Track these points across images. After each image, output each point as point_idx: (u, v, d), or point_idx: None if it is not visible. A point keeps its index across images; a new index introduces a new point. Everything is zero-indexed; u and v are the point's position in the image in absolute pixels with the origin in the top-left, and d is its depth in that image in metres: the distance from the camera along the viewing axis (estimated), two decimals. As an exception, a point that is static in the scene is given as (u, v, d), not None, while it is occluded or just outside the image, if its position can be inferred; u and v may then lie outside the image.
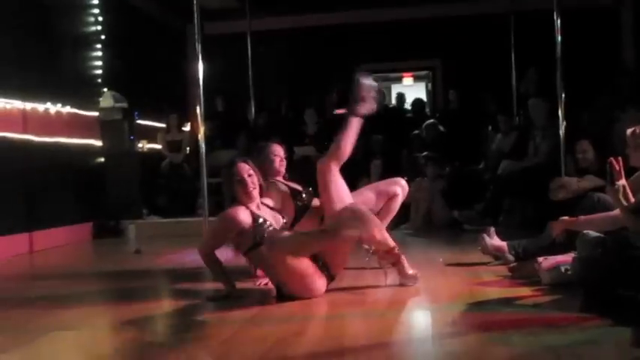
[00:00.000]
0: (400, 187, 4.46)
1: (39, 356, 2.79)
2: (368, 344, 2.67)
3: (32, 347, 2.89)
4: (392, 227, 7.05)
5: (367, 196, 4.37)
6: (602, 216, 3.62)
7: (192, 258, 4.84)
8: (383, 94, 10.04)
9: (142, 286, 4.28)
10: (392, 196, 4.42)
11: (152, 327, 2.98)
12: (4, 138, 6.16)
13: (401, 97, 10.52)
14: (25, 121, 6.50)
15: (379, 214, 4.32)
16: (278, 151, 4.49)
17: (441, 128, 8.69)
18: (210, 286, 4.07)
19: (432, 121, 8.85)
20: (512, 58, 8.90)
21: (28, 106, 6.54)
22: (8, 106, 6.26)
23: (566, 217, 3.80)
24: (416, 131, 8.47)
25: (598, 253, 3.19)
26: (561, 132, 5.80)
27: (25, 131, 6.48)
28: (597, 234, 3.47)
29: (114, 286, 4.27)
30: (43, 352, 2.83)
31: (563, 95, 5.81)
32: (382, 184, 4.55)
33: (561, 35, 5.86)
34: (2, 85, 6.09)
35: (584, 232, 3.54)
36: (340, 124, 4.20)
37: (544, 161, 6.57)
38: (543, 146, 6.74)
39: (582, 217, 3.69)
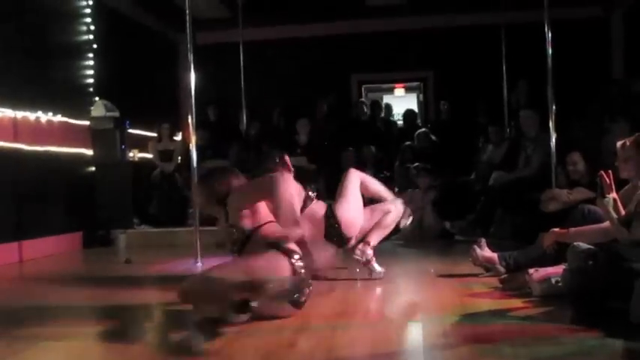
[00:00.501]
0: (394, 206, 4.49)
1: (28, 367, 2.77)
2: (359, 356, 2.66)
3: (22, 358, 2.86)
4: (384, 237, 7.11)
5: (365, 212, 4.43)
6: (592, 228, 3.63)
7: (183, 267, 4.83)
8: (378, 105, 10.06)
9: (132, 296, 4.25)
10: (386, 212, 4.46)
11: (142, 338, 2.96)
12: (-6, 146, 6.13)
13: (388, 108, 10.56)
14: (16, 129, 6.47)
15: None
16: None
17: (433, 138, 8.73)
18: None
19: (423, 130, 8.89)
20: (504, 69, 8.96)
21: (19, 114, 6.52)
22: (-1, 115, 6.24)
23: (556, 229, 3.81)
24: (407, 142, 8.49)
25: (589, 265, 3.21)
26: (552, 143, 5.83)
27: (15, 140, 6.45)
28: (588, 246, 3.47)
29: (103, 296, 4.25)
30: (32, 364, 2.81)
31: (554, 107, 5.85)
32: (380, 205, 4.57)
33: (552, 47, 5.91)
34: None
35: (575, 243, 3.54)
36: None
37: (535, 173, 6.59)
38: (534, 157, 6.77)
39: (573, 229, 3.71)
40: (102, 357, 2.90)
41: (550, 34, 5.91)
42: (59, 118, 7.20)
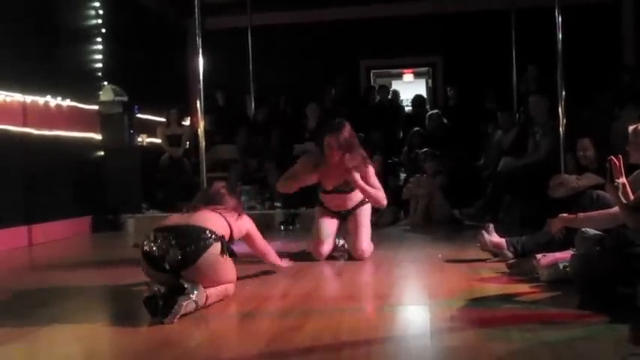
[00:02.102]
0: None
1: (37, 349, 2.79)
2: (366, 339, 2.67)
3: (31, 340, 2.89)
4: (391, 223, 7.12)
5: None
6: (601, 213, 3.62)
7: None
8: (386, 90, 10.03)
9: (140, 279, 4.27)
10: None
11: (150, 321, 2.98)
12: (4, 131, 6.15)
13: (396, 94, 10.52)
14: (25, 114, 6.50)
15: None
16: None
17: (445, 120, 8.72)
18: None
19: (436, 111, 8.90)
20: (513, 54, 8.90)
21: (28, 99, 6.54)
22: (8, 99, 6.25)
23: (565, 214, 3.80)
24: (416, 128, 8.47)
25: (597, 251, 3.20)
26: (561, 129, 5.80)
27: (25, 124, 6.48)
28: (596, 231, 3.48)
29: (112, 280, 4.27)
30: (42, 345, 2.84)
31: (564, 92, 5.81)
32: None
33: (562, 32, 5.86)
34: (2, 78, 6.09)
35: (583, 229, 3.54)
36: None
37: (544, 158, 6.57)
38: (543, 143, 6.74)
39: (581, 215, 3.69)
40: (110, 339, 2.92)
41: (560, 19, 5.86)
42: (68, 102, 7.22)
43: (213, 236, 3.26)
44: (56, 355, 2.66)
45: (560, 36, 5.86)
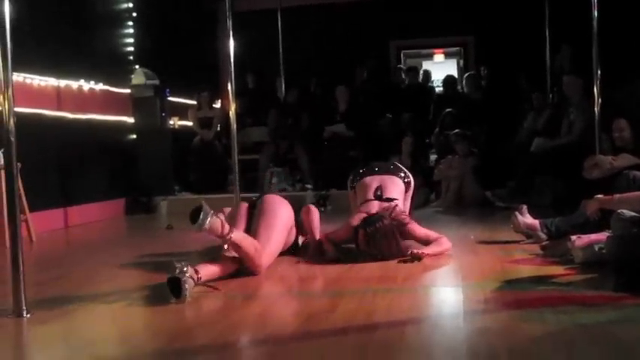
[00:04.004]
0: None
1: (75, 329, 2.85)
2: (399, 320, 2.68)
3: (68, 320, 2.95)
4: (422, 205, 7.09)
5: None
6: (637, 194, 3.56)
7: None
8: (415, 71, 9.95)
9: (175, 261, 4.33)
10: None
11: (183, 301, 3.02)
12: (38, 115, 6.24)
13: (427, 75, 10.41)
14: (59, 98, 6.59)
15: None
16: None
17: (483, 83, 8.69)
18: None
19: (472, 72, 8.86)
20: (547, 33, 8.74)
21: (62, 83, 6.63)
22: (43, 84, 6.34)
23: (600, 196, 3.75)
24: (448, 109, 8.40)
25: (633, 233, 3.16)
26: (596, 109, 5.71)
27: (59, 108, 6.57)
28: (632, 213, 3.42)
29: (147, 261, 4.33)
30: (79, 325, 2.90)
31: (599, 72, 5.70)
32: None
33: (597, 9, 5.74)
34: (37, 63, 6.16)
35: (620, 210, 3.49)
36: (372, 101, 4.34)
37: (578, 139, 6.47)
38: (577, 124, 6.64)
39: (617, 196, 3.64)
40: (145, 319, 2.97)
41: (596, -4, 5.74)
42: (101, 86, 7.30)
43: None
44: (93, 335, 2.71)
45: (595, 13, 5.74)
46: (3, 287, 3.17)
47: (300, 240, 4.17)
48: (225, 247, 3.50)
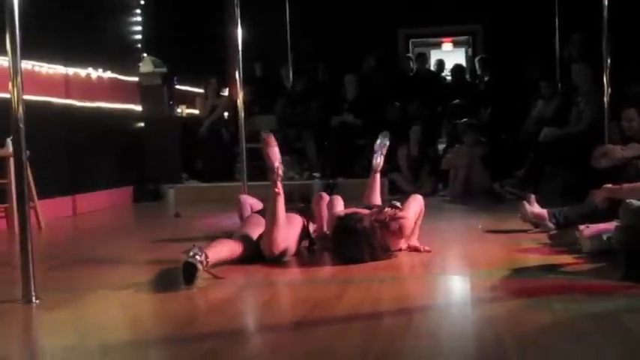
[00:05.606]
0: None
1: (83, 315, 2.87)
2: (406, 307, 2.68)
3: (78, 306, 2.97)
4: (430, 193, 7.08)
5: None
6: (647, 184, 3.55)
7: (231, 222, 4.90)
8: (424, 58, 9.89)
9: (181, 248, 4.34)
10: None
11: (192, 288, 3.03)
12: (47, 103, 6.25)
13: (440, 64, 10.36)
14: (68, 86, 6.59)
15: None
16: None
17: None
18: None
19: (483, 55, 9.08)
20: (556, 21, 8.67)
21: (70, 71, 6.63)
22: (51, 72, 6.35)
23: (609, 185, 3.73)
24: (456, 100, 8.36)
25: (642, 222, 3.14)
26: (605, 99, 5.67)
27: (67, 96, 6.58)
28: (641, 202, 3.40)
29: (154, 248, 4.35)
30: (87, 311, 2.91)
31: (609, 61, 5.66)
32: None
33: (608, -2, 5.70)
34: (45, 51, 6.17)
35: (628, 200, 3.47)
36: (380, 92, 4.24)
37: (587, 128, 6.44)
38: (586, 113, 6.60)
39: (626, 185, 3.63)
40: (155, 305, 2.98)
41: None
42: (109, 74, 7.30)
43: None
44: (101, 321, 2.73)
45: (606, 1, 5.70)
46: (12, 274, 3.19)
47: (312, 228, 4.17)
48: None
